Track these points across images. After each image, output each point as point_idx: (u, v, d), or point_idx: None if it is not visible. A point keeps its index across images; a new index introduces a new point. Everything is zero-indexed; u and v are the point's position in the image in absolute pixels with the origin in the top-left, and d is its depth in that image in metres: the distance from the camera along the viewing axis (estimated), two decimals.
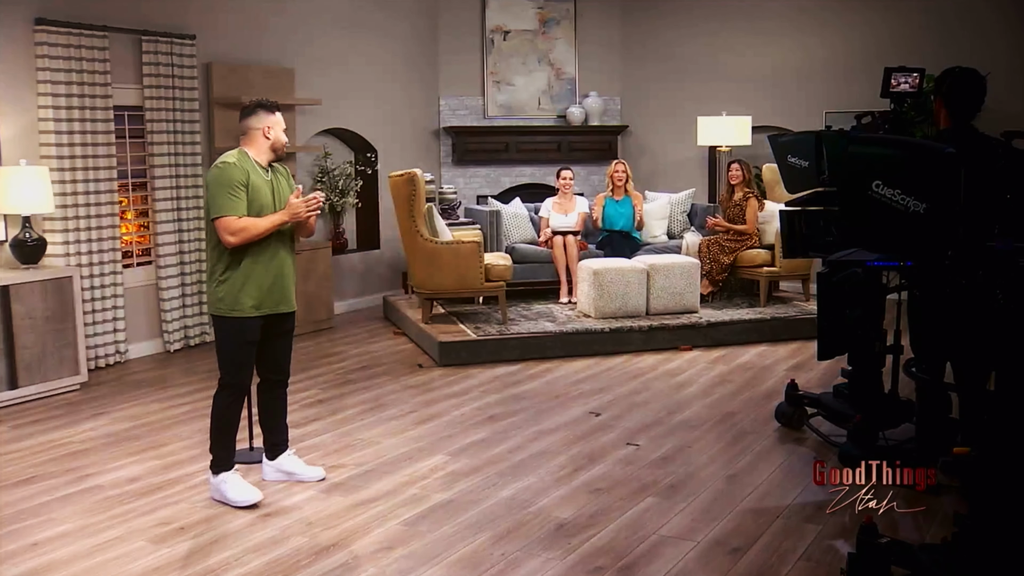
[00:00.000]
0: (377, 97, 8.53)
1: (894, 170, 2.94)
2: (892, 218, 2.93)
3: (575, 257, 7.45)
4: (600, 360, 6.38)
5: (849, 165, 3.16)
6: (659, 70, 9.60)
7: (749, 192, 7.50)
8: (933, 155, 2.91)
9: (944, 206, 2.86)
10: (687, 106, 9.29)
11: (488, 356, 6.31)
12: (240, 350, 3.79)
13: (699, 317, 6.87)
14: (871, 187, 2.97)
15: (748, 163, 7.70)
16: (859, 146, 3.16)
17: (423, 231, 6.70)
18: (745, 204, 7.48)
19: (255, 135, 3.88)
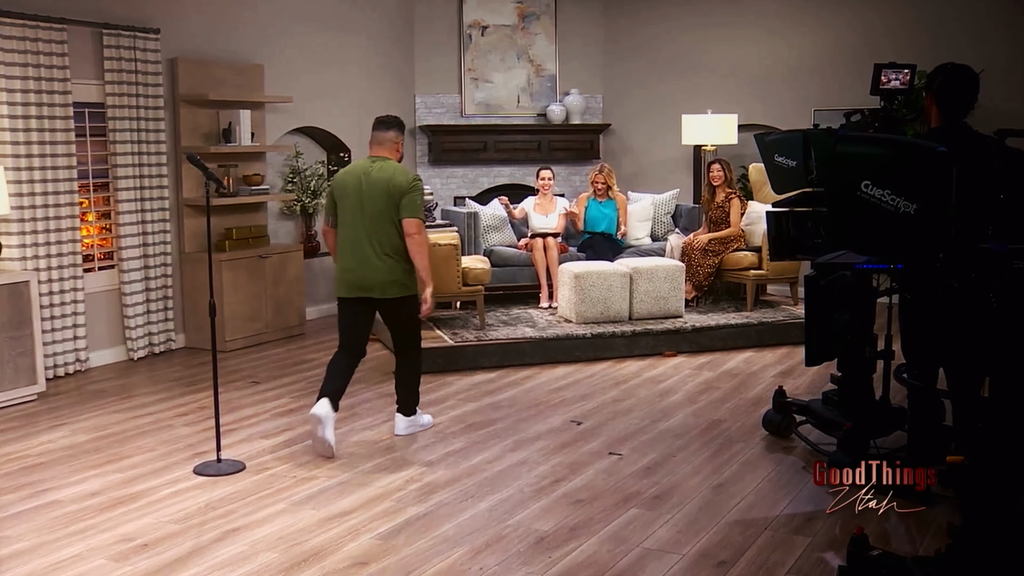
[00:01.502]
0: (350, 95, 8.50)
1: (884, 170, 2.93)
2: (882, 219, 2.93)
3: (555, 260, 7.43)
4: (582, 367, 6.37)
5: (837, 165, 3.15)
6: (642, 67, 9.61)
7: (731, 192, 7.51)
8: (924, 154, 2.90)
9: (935, 206, 2.85)
10: (671, 104, 9.31)
11: (466, 363, 6.29)
12: None
13: (684, 322, 6.87)
14: (860, 187, 2.97)
15: (729, 162, 7.70)
16: (847, 145, 3.15)
17: None
18: (728, 205, 7.48)
19: (392, 148, 4.78)
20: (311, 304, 8.12)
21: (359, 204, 4.63)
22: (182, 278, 7.01)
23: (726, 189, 7.54)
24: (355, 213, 4.64)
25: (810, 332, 4.07)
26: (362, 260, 4.62)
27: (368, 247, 4.62)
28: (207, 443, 4.73)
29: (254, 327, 7.13)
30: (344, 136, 8.48)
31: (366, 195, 4.62)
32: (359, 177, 4.67)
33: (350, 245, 4.66)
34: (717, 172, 7.58)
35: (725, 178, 7.55)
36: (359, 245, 4.63)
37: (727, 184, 7.56)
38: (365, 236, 4.61)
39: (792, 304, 7.57)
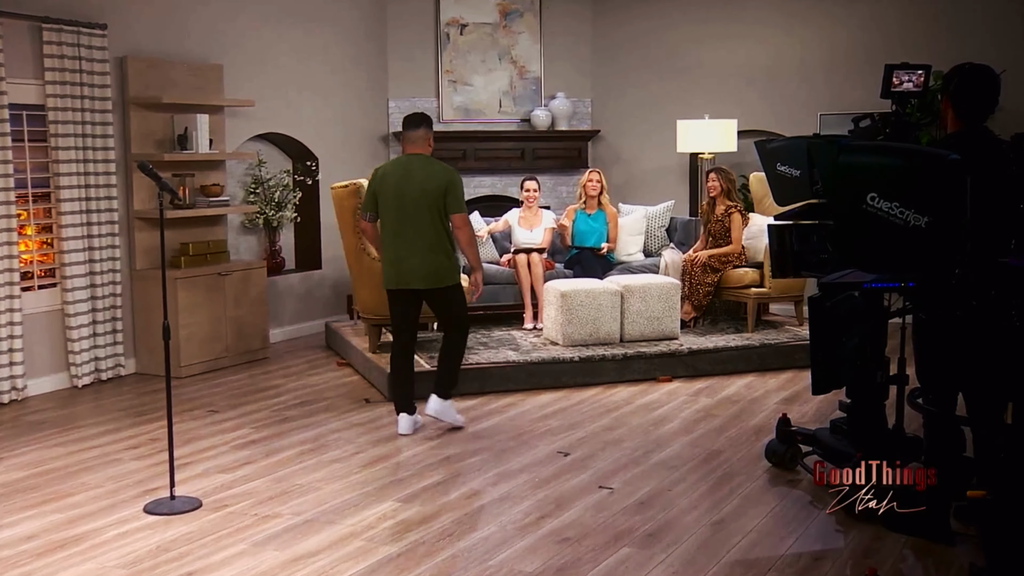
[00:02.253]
0: (318, 99, 8.48)
1: (890, 181, 2.94)
2: (890, 234, 2.92)
3: (541, 278, 7.42)
4: (569, 393, 6.35)
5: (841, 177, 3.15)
6: (634, 68, 9.65)
7: (732, 206, 7.52)
8: (934, 163, 2.90)
9: (948, 219, 2.85)
10: (666, 108, 9.34)
11: None
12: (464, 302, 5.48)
13: (679, 344, 6.86)
14: (866, 200, 2.97)
15: (729, 172, 7.68)
16: (851, 155, 3.15)
17: (370, 249, 6.64)
18: (728, 220, 7.49)
19: (424, 143, 5.35)
20: (275, 325, 8.06)
21: (400, 199, 5.24)
22: (132, 298, 6.94)
23: (725, 202, 7.55)
24: (398, 208, 5.25)
25: (816, 358, 4.06)
26: (404, 254, 5.27)
27: (409, 241, 5.24)
28: (159, 479, 4.67)
29: (212, 351, 7.07)
30: (311, 143, 8.46)
31: (408, 191, 5.23)
32: (400, 174, 5.29)
33: (392, 239, 5.29)
34: (713, 183, 7.59)
35: (723, 189, 7.55)
36: (401, 239, 5.26)
37: (725, 196, 7.56)
38: (406, 230, 5.24)
39: (797, 324, 7.59)
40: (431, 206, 5.22)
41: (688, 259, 7.53)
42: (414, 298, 5.40)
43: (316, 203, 8.51)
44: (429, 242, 5.24)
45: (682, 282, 7.39)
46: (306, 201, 8.39)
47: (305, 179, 8.35)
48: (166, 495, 4.43)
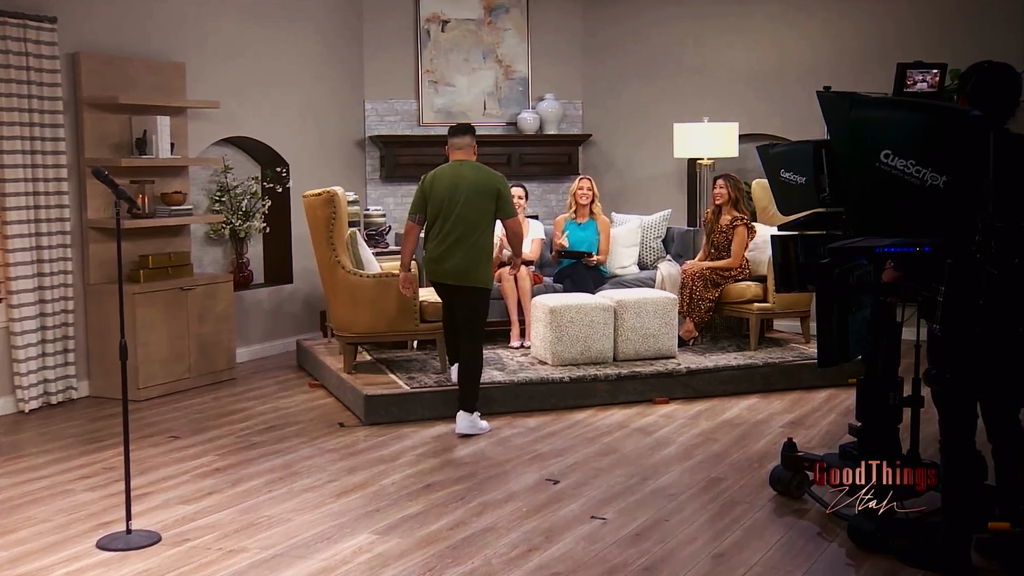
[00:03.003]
0: (288, 100, 8.48)
1: (906, 137, 2.93)
2: (905, 194, 2.92)
3: (528, 292, 7.42)
4: (559, 416, 6.35)
5: (853, 133, 3.14)
6: (629, 68, 9.68)
7: (739, 218, 7.51)
8: (954, 119, 2.90)
9: (968, 179, 2.84)
10: (662, 111, 9.38)
11: (424, 412, 6.25)
12: None
13: (677, 364, 6.87)
14: (879, 158, 2.96)
15: (738, 180, 7.69)
16: (863, 110, 3.15)
17: (345, 262, 6.63)
18: (732, 232, 7.50)
19: (470, 150, 6.10)
20: (243, 344, 8.03)
21: (451, 202, 5.91)
22: (86, 315, 6.91)
23: (732, 212, 7.55)
24: (449, 208, 5.92)
25: (824, 328, 4.06)
26: (445, 251, 5.92)
27: (453, 240, 5.90)
28: (114, 511, 4.63)
29: (173, 372, 7.04)
30: (282, 148, 8.46)
31: (460, 193, 5.90)
32: (452, 177, 5.97)
33: (438, 237, 5.96)
34: (720, 190, 7.59)
35: (730, 198, 7.55)
36: (446, 238, 5.92)
37: (733, 206, 7.56)
38: (453, 230, 5.89)
39: (803, 342, 7.60)
40: (480, 209, 5.91)
41: (686, 270, 7.54)
42: (449, 296, 6.08)
43: (287, 212, 8.50)
44: (471, 244, 5.91)
45: (680, 297, 7.40)
46: (276, 210, 8.38)
47: (275, 186, 8.34)
48: (122, 529, 4.39)
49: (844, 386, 6.76)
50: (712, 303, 7.43)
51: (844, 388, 6.75)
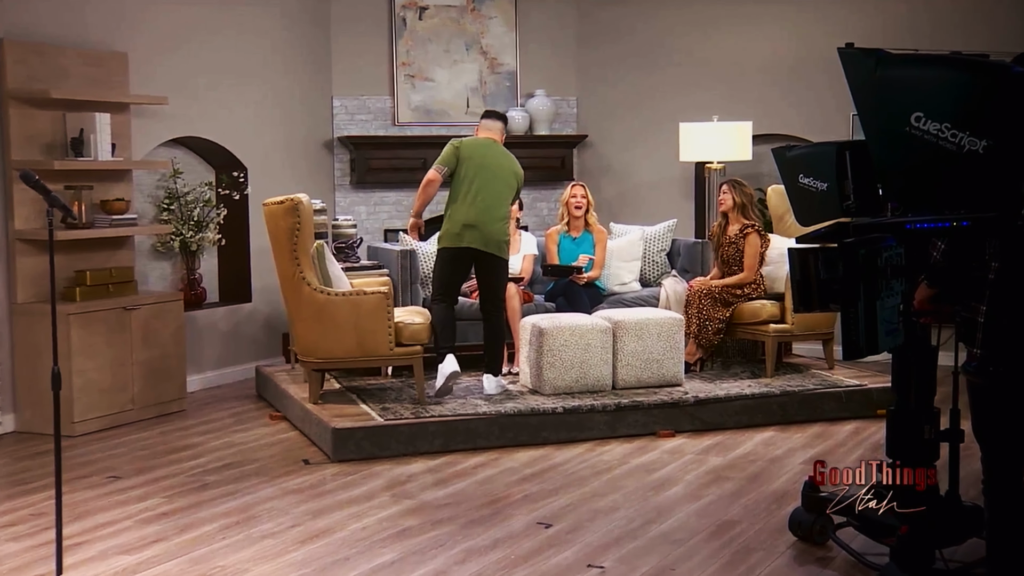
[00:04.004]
0: (246, 96, 8.48)
1: (940, 98, 2.92)
2: (939, 162, 2.90)
3: (517, 312, 7.42)
4: (551, 451, 6.34)
5: (879, 95, 3.13)
6: (629, 60, 9.70)
7: (749, 225, 7.52)
8: (994, 76, 2.88)
9: (1011, 144, 2.81)
10: (666, 109, 9.40)
11: (399, 447, 6.25)
12: None
13: (684, 392, 6.86)
14: (909, 122, 2.95)
15: (745, 185, 7.69)
16: (891, 68, 3.14)
17: (310, 278, 6.62)
18: (743, 242, 7.50)
19: (499, 136, 6.97)
20: (194, 371, 8.00)
21: (487, 169, 6.74)
22: (13, 338, 6.88)
23: (740, 220, 7.56)
24: (483, 176, 6.71)
25: (849, 315, 4.05)
26: (481, 218, 6.66)
27: (489, 207, 6.69)
28: (43, 564, 4.59)
29: (115, 403, 7.01)
30: (239, 150, 8.45)
31: (494, 166, 6.77)
32: (488, 148, 6.85)
33: (472, 200, 6.68)
34: (725, 195, 7.60)
35: (736, 204, 7.55)
36: (482, 203, 6.68)
37: (741, 213, 7.57)
38: (488, 197, 6.68)
39: (826, 368, 7.61)
40: (509, 187, 6.81)
41: (693, 286, 7.53)
42: (467, 263, 6.82)
43: (244, 222, 8.48)
44: (503, 215, 6.77)
45: (687, 316, 7.38)
46: (232, 220, 8.36)
47: (231, 193, 8.31)
48: None
49: (872, 418, 6.75)
50: (722, 324, 7.41)
51: (872, 420, 6.75)
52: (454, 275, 6.89)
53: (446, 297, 6.89)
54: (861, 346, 4.06)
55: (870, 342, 4.08)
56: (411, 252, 7.75)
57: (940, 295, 3.91)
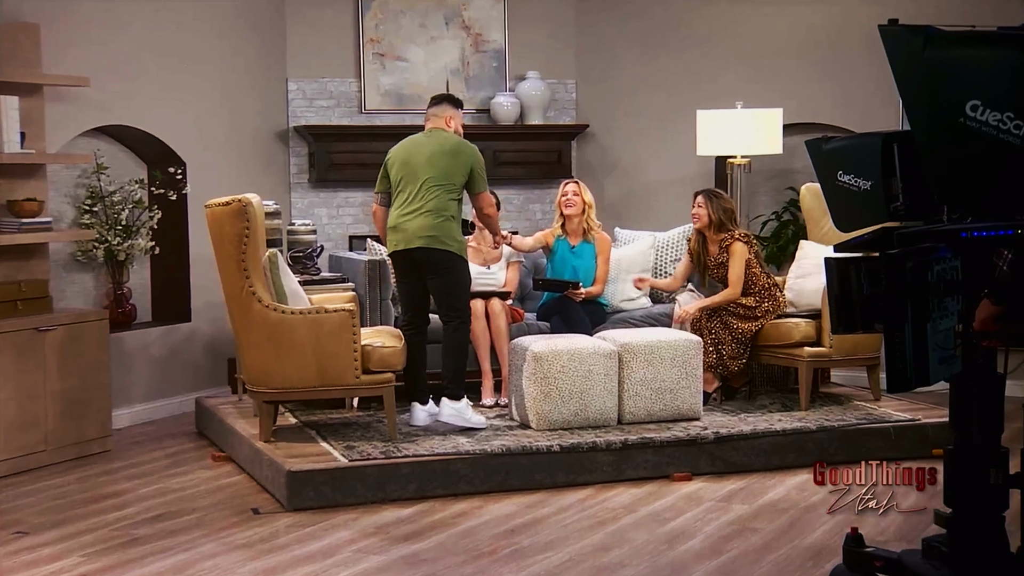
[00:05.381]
0: (184, 78, 8.49)
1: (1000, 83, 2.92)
2: (999, 157, 2.90)
3: (505, 333, 7.42)
4: (547, 497, 6.33)
5: (928, 80, 3.13)
6: (638, 36, 9.72)
7: (729, 236, 7.56)
8: None
9: None
10: (681, 94, 9.42)
11: (367, 493, 6.24)
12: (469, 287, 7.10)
13: (702, 428, 6.86)
14: (964, 111, 2.95)
15: (724, 198, 7.73)
16: (943, 48, 3.15)
17: (261, 293, 6.60)
18: (727, 255, 7.53)
19: (443, 122, 7.02)
20: (122, 404, 7.97)
21: (410, 164, 6.85)
22: None
23: (717, 235, 7.62)
24: (406, 173, 6.85)
25: (895, 341, 4.03)
26: (402, 216, 6.81)
27: (410, 201, 6.80)
28: None
29: (25, 443, 7.00)
30: (176, 142, 8.45)
31: (418, 155, 6.85)
32: (411, 145, 6.95)
33: (398, 204, 6.86)
34: (700, 210, 7.65)
35: (712, 222, 7.60)
36: (403, 201, 6.83)
37: (715, 228, 7.61)
38: (415, 197, 6.79)
39: (871, 399, 7.61)
40: (446, 171, 6.81)
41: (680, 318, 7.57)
42: (416, 272, 6.89)
43: (183, 228, 8.49)
44: (436, 208, 6.77)
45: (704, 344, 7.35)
46: (168, 224, 8.35)
47: (167, 192, 8.30)
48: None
49: (927, 458, 6.70)
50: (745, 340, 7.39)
51: (927, 461, 6.66)
52: (404, 288, 7.07)
53: (411, 320, 7.05)
54: (909, 377, 4.04)
55: (920, 372, 4.06)
56: (380, 263, 7.73)
57: (1007, 313, 3.89)
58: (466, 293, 7.03)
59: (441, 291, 6.91)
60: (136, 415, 8.15)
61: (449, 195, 6.84)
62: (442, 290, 6.90)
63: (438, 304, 6.95)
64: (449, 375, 6.89)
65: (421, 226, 6.75)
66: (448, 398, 6.82)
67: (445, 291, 6.90)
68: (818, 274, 7.23)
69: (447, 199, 6.83)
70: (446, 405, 6.83)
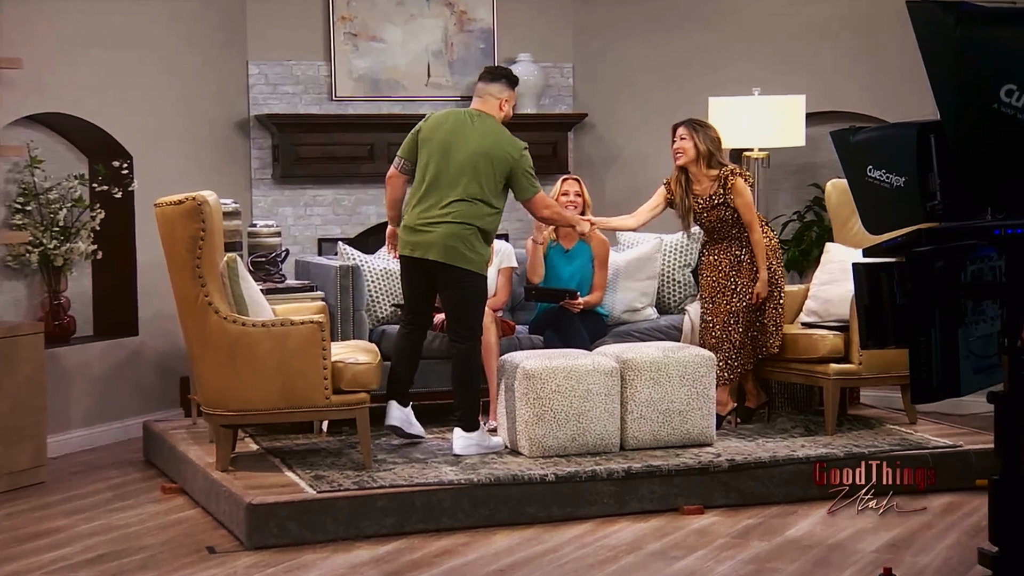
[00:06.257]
0: (130, 60, 8.50)
1: None
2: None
3: (494, 349, 7.42)
4: (540, 532, 6.34)
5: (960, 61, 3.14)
6: (643, 15, 9.74)
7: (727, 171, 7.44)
8: None
9: None
10: (691, 79, 9.45)
11: (338, 529, 6.23)
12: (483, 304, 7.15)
13: (715, 454, 6.88)
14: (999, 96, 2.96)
15: (708, 125, 7.59)
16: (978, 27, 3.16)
17: (219, 303, 6.60)
18: (727, 191, 7.42)
19: (495, 105, 7.06)
20: (58, 429, 7.96)
21: (447, 151, 6.84)
22: None
23: (708, 172, 7.49)
24: (438, 161, 6.86)
25: (920, 346, 4.04)
26: (424, 216, 6.81)
27: (442, 211, 6.79)
28: None
29: None
30: (121, 133, 8.46)
31: (458, 143, 6.85)
32: (455, 124, 6.94)
33: (422, 195, 6.87)
34: (683, 142, 7.49)
35: (700, 154, 7.46)
36: (430, 198, 6.83)
37: (707, 164, 7.49)
38: (444, 200, 6.80)
39: (906, 422, 7.62)
40: (485, 175, 6.83)
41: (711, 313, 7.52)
42: (426, 277, 6.95)
43: (129, 229, 8.50)
44: (460, 215, 6.79)
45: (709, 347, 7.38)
46: (112, 226, 8.35)
47: (111, 190, 8.28)
48: None
49: (970, 490, 6.74)
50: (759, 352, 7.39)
51: (970, 493, 6.74)
52: (412, 291, 7.11)
53: (410, 321, 7.14)
54: (935, 386, 4.05)
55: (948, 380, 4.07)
56: (354, 269, 7.73)
57: None
58: (480, 311, 7.06)
59: (453, 307, 6.98)
60: (75, 442, 8.14)
61: (484, 203, 6.87)
62: (454, 307, 6.97)
63: (448, 320, 7.05)
64: (464, 405, 6.94)
65: (444, 235, 6.78)
66: (462, 429, 6.89)
67: (457, 308, 6.96)
68: (846, 281, 7.24)
69: (481, 208, 6.87)
70: (459, 437, 6.88)
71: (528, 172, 6.95)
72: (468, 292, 6.92)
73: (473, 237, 6.83)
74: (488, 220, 6.90)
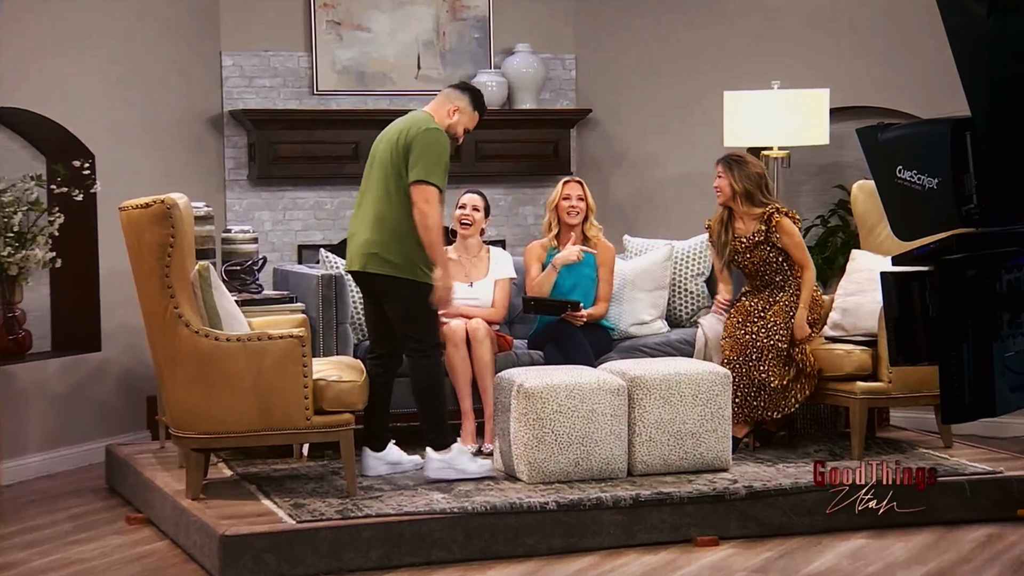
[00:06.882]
0: (93, 51, 8.53)
1: None
2: None
3: (489, 365, 7.46)
4: (540, 566, 6.35)
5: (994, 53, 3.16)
6: (650, 5, 9.76)
7: (768, 208, 7.52)
8: None
9: None
10: (705, 73, 9.47)
11: (320, 563, 6.22)
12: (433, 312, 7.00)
13: (731, 480, 6.89)
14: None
15: (746, 162, 7.65)
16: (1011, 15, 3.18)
17: (189, 316, 6.61)
18: (776, 234, 7.51)
19: (437, 104, 7.05)
20: (13, 454, 7.96)
21: (369, 163, 6.98)
22: None
23: (751, 209, 7.57)
24: (365, 175, 7.01)
25: (951, 362, 4.06)
26: (352, 229, 7.00)
27: (360, 215, 6.95)
28: None
29: None
30: (82, 130, 8.48)
31: (376, 151, 6.93)
32: (389, 128, 6.97)
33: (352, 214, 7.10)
34: (720, 180, 7.60)
35: (736, 193, 7.55)
36: (355, 213, 7.02)
37: (748, 201, 7.58)
38: (362, 202, 6.97)
39: (941, 446, 7.61)
40: (390, 165, 6.81)
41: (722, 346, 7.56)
42: (370, 294, 7.05)
43: (91, 235, 8.52)
44: (379, 215, 6.82)
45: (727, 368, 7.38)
46: (73, 231, 8.36)
47: (71, 192, 8.28)
48: None
49: (1012, 520, 6.76)
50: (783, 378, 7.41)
51: (1012, 525, 6.75)
52: (365, 312, 7.33)
53: (374, 349, 7.20)
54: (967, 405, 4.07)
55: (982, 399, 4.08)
56: (337, 278, 7.73)
57: None
58: (428, 318, 6.98)
59: (395, 321, 6.96)
60: (31, 468, 8.15)
61: (398, 197, 6.82)
62: (395, 319, 6.96)
63: (398, 336, 6.99)
64: (428, 423, 6.94)
65: (361, 243, 6.88)
66: (433, 449, 6.86)
67: (399, 320, 6.95)
68: (873, 291, 7.26)
69: (394, 207, 6.82)
70: (432, 459, 6.86)
71: (425, 150, 6.73)
72: (404, 301, 6.87)
73: (391, 240, 6.80)
74: (407, 220, 6.77)
